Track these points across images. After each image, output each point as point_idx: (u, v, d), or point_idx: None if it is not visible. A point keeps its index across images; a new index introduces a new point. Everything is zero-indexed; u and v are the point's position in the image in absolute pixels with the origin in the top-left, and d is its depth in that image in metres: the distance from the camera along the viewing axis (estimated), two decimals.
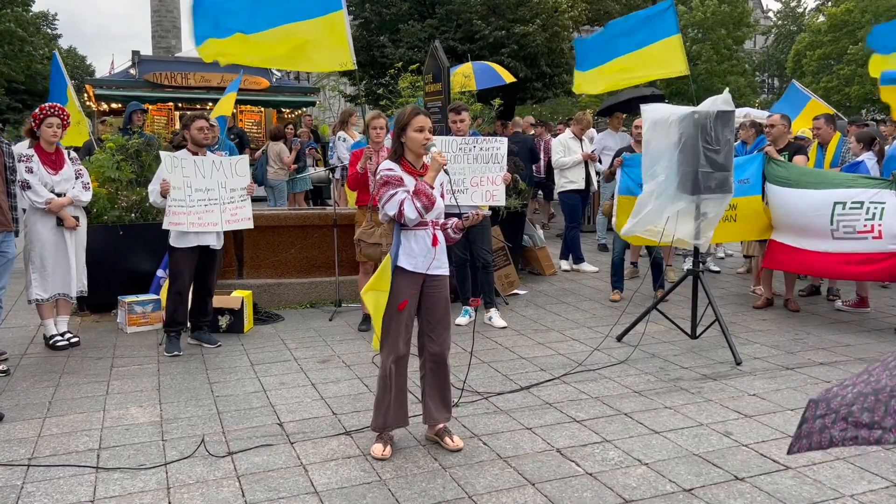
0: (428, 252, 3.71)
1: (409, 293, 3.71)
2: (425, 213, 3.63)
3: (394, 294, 3.69)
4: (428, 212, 3.65)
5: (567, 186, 9.12)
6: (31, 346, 5.85)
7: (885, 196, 5.85)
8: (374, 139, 6.13)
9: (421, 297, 3.80)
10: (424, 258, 3.71)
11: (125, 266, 6.73)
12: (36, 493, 3.35)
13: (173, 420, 4.26)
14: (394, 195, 3.63)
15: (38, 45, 31.83)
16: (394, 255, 3.70)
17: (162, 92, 17.46)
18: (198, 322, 5.88)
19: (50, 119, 5.59)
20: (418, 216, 3.63)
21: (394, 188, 3.64)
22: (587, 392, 4.73)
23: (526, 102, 22.83)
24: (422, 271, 3.72)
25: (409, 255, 3.70)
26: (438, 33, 17.87)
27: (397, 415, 3.80)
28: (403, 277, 3.70)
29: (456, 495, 3.33)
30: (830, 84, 32.57)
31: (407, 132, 3.73)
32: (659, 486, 3.41)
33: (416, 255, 3.70)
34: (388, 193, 3.65)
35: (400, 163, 3.75)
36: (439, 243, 3.76)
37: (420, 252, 3.70)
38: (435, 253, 3.73)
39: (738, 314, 6.83)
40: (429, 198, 3.61)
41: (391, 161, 3.77)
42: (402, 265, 3.69)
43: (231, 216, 5.82)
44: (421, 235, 3.71)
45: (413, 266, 3.70)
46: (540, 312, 6.97)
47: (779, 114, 7.56)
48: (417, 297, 3.78)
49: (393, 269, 3.69)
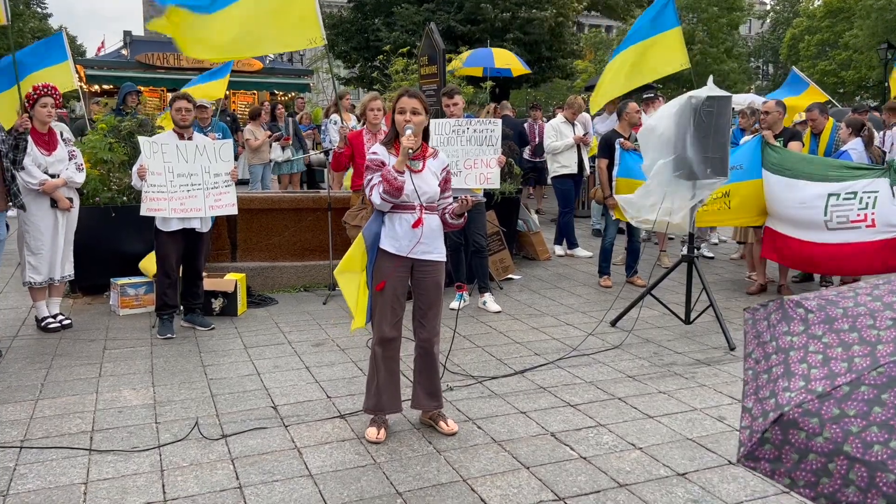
0: (411, 235, 3.64)
1: (390, 275, 3.68)
2: (391, 198, 3.57)
3: (378, 276, 3.68)
4: (394, 197, 3.56)
5: (560, 171, 9.08)
6: (22, 328, 5.82)
7: (878, 185, 5.86)
8: (371, 121, 6.10)
9: (412, 281, 3.78)
10: (409, 241, 3.65)
11: (117, 248, 6.67)
12: (28, 475, 3.34)
13: (167, 403, 4.24)
14: (370, 180, 3.63)
15: (26, 22, 31.45)
16: (373, 234, 3.67)
17: (154, 73, 17.28)
18: (189, 305, 5.85)
19: (44, 99, 5.52)
20: (382, 202, 3.58)
21: (372, 173, 3.63)
22: (581, 376, 4.74)
23: (521, 86, 22.75)
24: (404, 254, 3.67)
25: (392, 238, 3.66)
26: (436, 15, 17.72)
27: (389, 399, 3.79)
28: (386, 259, 3.68)
29: (450, 479, 3.33)
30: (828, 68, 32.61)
31: (395, 115, 3.70)
32: (653, 471, 3.42)
33: (399, 237, 3.65)
34: (367, 178, 3.66)
35: (393, 146, 3.72)
36: (423, 225, 3.66)
37: (404, 235, 3.65)
38: (420, 236, 3.66)
39: (732, 300, 6.84)
40: (390, 183, 3.53)
41: (381, 145, 3.75)
42: (385, 247, 3.67)
43: (215, 201, 5.74)
44: (406, 218, 3.65)
45: (396, 249, 3.66)
46: (534, 297, 6.97)
47: (774, 100, 7.55)
48: (405, 280, 3.75)
49: (375, 250, 3.67)
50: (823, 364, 1.58)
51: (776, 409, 1.58)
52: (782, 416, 1.55)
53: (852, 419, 1.46)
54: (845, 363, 1.55)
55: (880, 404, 1.44)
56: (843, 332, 1.61)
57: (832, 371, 1.55)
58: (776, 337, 1.72)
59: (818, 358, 1.60)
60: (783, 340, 1.70)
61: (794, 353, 1.65)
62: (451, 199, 3.83)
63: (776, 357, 1.69)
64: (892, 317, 1.57)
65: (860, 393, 1.48)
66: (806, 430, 1.51)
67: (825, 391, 1.52)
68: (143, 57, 17.38)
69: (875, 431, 1.41)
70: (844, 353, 1.57)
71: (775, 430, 1.56)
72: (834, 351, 1.59)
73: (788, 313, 1.73)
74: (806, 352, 1.63)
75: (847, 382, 1.50)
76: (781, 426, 1.56)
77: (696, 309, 5.80)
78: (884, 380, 1.47)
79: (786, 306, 1.75)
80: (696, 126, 5.21)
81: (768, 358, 1.71)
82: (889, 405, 1.43)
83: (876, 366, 1.50)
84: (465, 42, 17.47)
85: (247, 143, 10.94)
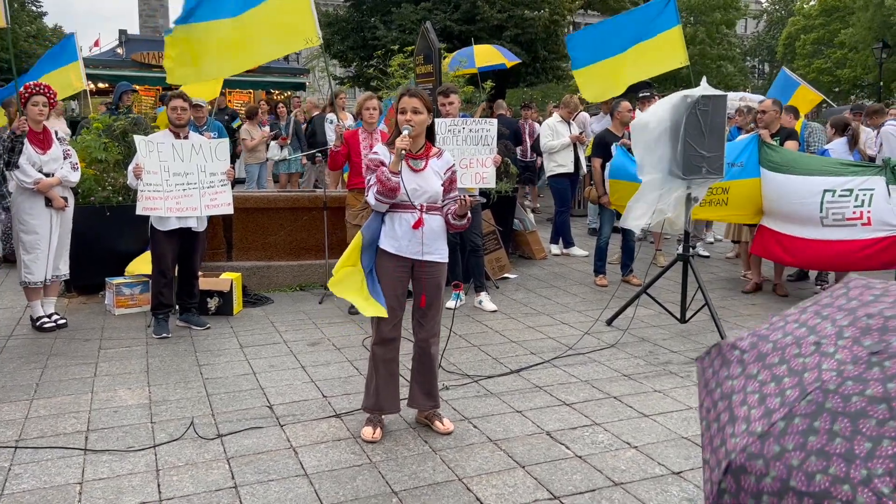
0: (411, 236, 3.62)
1: (393, 276, 3.67)
2: (385, 199, 3.56)
3: (378, 276, 3.67)
4: (389, 198, 3.55)
5: (556, 170, 9.08)
6: (17, 327, 5.80)
7: (874, 182, 5.87)
8: (367, 120, 6.09)
9: (413, 281, 3.78)
10: (409, 242, 3.63)
11: (113, 247, 6.66)
12: (24, 475, 3.33)
13: (162, 402, 4.24)
14: (369, 180, 3.63)
15: (22, 23, 31.33)
16: (373, 231, 3.66)
17: (149, 72, 17.23)
18: (185, 304, 5.84)
19: (35, 98, 5.51)
20: (377, 203, 3.58)
21: (371, 173, 3.63)
22: (577, 375, 4.74)
23: (518, 86, 22.78)
24: (406, 255, 3.65)
25: (391, 238, 3.65)
26: (433, 14, 17.71)
27: (388, 399, 3.78)
28: (386, 259, 3.66)
29: (446, 478, 3.33)
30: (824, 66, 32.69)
31: (397, 115, 3.69)
32: (648, 469, 3.43)
33: (398, 237, 3.63)
34: (367, 178, 3.66)
35: (394, 146, 3.71)
36: (425, 226, 3.64)
37: (403, 235, 3.63)
38: (422, 236, 3.65)
39: (727, 298, 6.86)
40: (384, 184, 3.51)
41: (383, 144, 3.75)
42: (384, 247, 3.66)
43: (211, 201, 5.73)
44: (406, 218, 3.63)
45: (396, 249, 3.64)
46: (530, 296, 6.97)
47: (770, 99, 7.57)
48: (406, 280, 3.74)
49: (375, 248, 3.66)
50: (760, 403, 1.58)
51: (725, 457, 1.57)
52: (731, 463, 1.55)
53: (792, 453, 1.45)
54: (779, 398, 1.54)
55: (814, 433, 1.44)
56: (774, 367, 1.61)
57: (768, 408, 1.55)
58: (720, 383, 1.72)
59: (755, 398, 1.60)
60: (726, 386, 1.70)
61: (736, 397, 1.64)
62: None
63: (721, 404, 1.68)
64: (815, 340, 1.57)
65: (794, 426, 1.47)
66: (754, 474, 1.50)
67: (764, 430, 1.52)
68: (138, 56, 17.34)
69: (814, 461, 1.41)
70: (777, 387, 1.56)
71: (728, 479, 1.56)
72: (768, 387, 1.59)
73: (727, 357, 1.73)
74: (745, 394, 1.63)
75: (782, 417, 1.50)
76: (733, 474, 1.55)
77: (692, 308, 5.81)
78: (813, 408, 1.46)
79: (723, 351, 1.75)
80: (691, 125, 5.22)
81: (716, 406, 1.70)
82: (821, 432, 1.42)
83: (804, 395, 1.49)
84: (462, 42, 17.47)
85: (243, 143, 10.91)
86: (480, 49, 13.20)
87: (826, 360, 1.51)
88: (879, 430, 1.34)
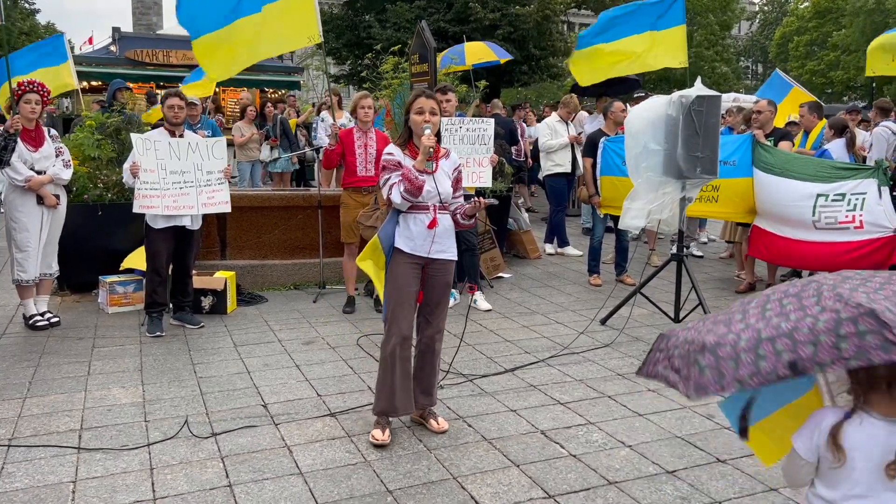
0: (426, 235, 3.67)
1: (410, 275, 3.69)
2: (412, 197, 3.60)
3: (394, 275, 3.69)
4: (415, 196, 3.60)
5: (553, 170, 9.10)
6: (10, 325, 5.78)
7: (865, 186, 5.90)
8: (362, 119, 6.09)
9: (423, 279, 3.79)
10: (423, 241, 3.68)
11: (106, 245, 6.62)
12: (17, 474, 3.32)
13: (156, 401, 4.23)
14: (388, 179, 3.64)
15: (14, 20, 31.18)
16: (388, 236, 3.69)
17: (143, 70, 17.18)
18: (179, 302, 5.82)
19: (28, 95, 5.49)
20: (403, 201, 3.61)
21: (389, 173, 3.65)
22: (571, 375, 4.75)
23: (513, 85, 22.80)
24: (421, 254, 3.69)
25: (407, 238, 3.68)
26: (427, 14, 17.72)
27: (404, 400, 3.74)
28: (401, 259, 3.69)
29: (441, 476, 3.33)
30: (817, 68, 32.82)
31: (410, 115, 3.71)
32: (642, 468, 3.44)
33: (413, 237, 3.68)
34: (384, 178, 3.68)
35: (407, 147, 3.74)
36: (439, 226, 3.69)
37: (418, 234, 3.67)
38: (434, 235, 3.69)
39: (721, 298, 6.88)
40: (412, 182, 3.57)
41: (395, 145, 3.77)
42: (400, 246, 3.68)
43: (208, 199, 5.73)
44: (420, 218, 3.68)
45: (411, 248, 3.68)
46: (525, 296, 6.98)
47: (766, 99, 7.58)
48: (419, 279, 3.76)
49: (390, 249, 3.69)
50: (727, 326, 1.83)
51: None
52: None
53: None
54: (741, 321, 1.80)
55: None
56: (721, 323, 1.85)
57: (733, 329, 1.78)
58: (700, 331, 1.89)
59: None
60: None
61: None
62: (461, 199, 3.86)
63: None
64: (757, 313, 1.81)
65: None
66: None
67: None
68: (131, 53, 17.27)
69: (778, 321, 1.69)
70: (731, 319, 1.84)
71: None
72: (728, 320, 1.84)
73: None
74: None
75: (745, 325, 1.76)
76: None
77: (686, 307, 5.83)
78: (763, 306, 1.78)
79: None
80: (685, 124, 5.24)
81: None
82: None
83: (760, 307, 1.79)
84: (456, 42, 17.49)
85: (234, 140, 10.91)
86: (471, 46, 13.12)
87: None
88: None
